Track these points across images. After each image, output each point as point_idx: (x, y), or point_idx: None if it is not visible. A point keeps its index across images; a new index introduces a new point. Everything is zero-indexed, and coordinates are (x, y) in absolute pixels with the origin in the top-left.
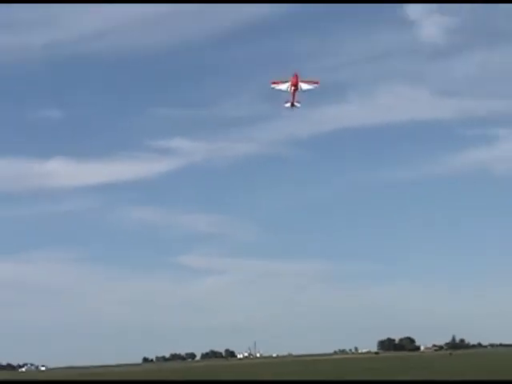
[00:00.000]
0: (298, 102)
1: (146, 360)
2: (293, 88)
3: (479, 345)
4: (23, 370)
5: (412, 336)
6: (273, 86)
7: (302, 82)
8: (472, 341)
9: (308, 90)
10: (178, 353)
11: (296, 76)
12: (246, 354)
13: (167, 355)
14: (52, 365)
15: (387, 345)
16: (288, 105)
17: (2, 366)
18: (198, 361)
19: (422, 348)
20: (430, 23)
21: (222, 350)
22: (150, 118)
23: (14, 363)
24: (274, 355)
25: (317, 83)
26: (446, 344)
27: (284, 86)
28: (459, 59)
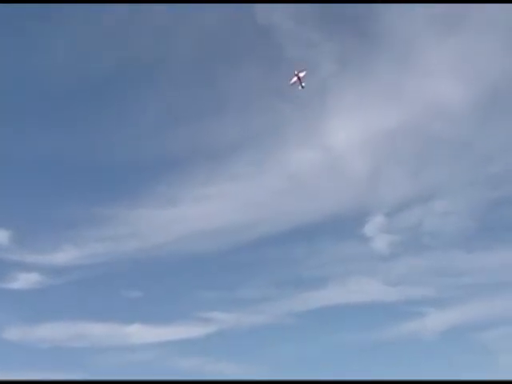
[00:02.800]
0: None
1: None
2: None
3: None
4: None
5: None
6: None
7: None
8: None
9: None
10: None
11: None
12: None
13: None
14: None
15: None
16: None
17: None
18: None
19: None
20: (380, 239)
21: None
22: (196, 297)
23: None
24: None
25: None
26: None
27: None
28: (398, 262)
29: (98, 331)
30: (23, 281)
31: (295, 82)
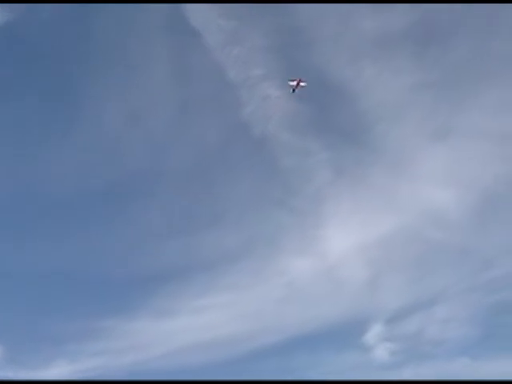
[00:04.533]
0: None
1: None
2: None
3: None
4: None
5: None
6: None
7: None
8: None
9: None
10: None
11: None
12: None
13: None
14: None
15: None
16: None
17: None
18: None
19: None
20: (380, 347)
21: None
22: None
23: None
24: None
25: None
26: None
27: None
28: (400, 371)
29: None
30: None
31: (291, 86)
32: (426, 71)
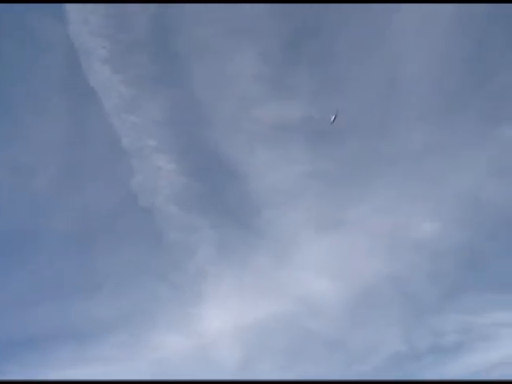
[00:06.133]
0: None
1: None
2: None
3: None
4: None
5: None
6: None
7: None
8: None
9: None
10: None
11: None
12: None
13: None
14: None
15: None
16: None
17: None
18: None
19: None
20: None
21: None
22: None
23: None
24: None
25: None
26: None
27: None
28: None
29: None
30: None
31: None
32: (318, 164)
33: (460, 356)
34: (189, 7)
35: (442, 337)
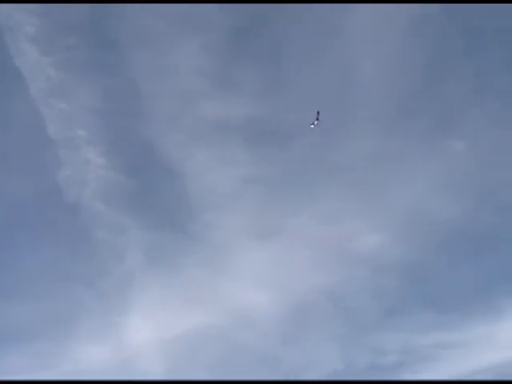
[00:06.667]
0: None
1: None
2: None
3: None
4: None
5: None
6: None
7: None
8: None
9: None
10: None
11: None
12: None
13: None
14: None
15: None
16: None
17: None
18: None
19: None
20: None
21: None
22: None
23: None
24: None
25: None
26: None
27: None
28: None
29: None
30: None
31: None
32: (260, 167)
33: (399, 376)
34: None
35: (381, 356)
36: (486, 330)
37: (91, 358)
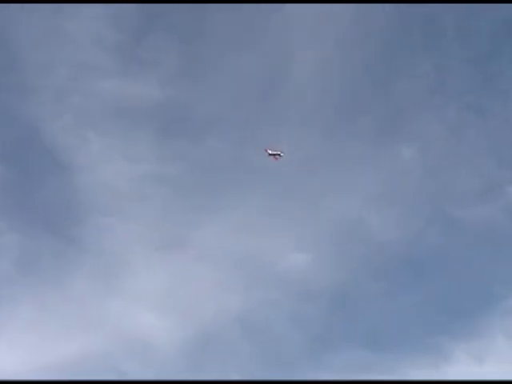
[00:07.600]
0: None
1: None
2: None
3: None
4: None
5: None
6: None
7: None
8: None
9: None
10: None
11: None
12: None
13: None
14: None
15: None
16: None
17: None
18: None
19: None
20: None
21: None
22: None
23: None
24: None
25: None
26: None
27: None
28: None
29: None
30: None
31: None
32: (167, 164)
33: None
34: None
35: None
36: (426, 375)
37: None
